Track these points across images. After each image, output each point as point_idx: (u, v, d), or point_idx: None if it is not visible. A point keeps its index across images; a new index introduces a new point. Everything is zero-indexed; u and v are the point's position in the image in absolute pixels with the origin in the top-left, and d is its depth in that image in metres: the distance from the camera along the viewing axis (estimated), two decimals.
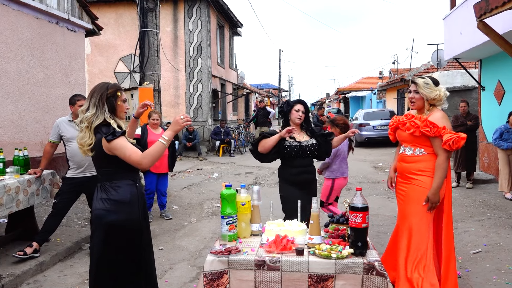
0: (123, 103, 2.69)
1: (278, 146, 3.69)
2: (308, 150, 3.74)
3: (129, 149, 2.50)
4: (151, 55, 7.74)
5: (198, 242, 5.33)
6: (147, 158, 2.49)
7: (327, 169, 4.95)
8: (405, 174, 3.30)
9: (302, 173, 3.74)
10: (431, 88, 3.21)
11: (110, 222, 2.54)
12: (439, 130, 3.10)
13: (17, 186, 4.24)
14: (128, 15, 15.30)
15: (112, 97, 2.60)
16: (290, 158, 3.71)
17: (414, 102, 3.28)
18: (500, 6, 5.06)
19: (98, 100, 2.56)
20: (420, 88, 3.23)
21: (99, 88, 2.61)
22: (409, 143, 3.26)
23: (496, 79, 8.88)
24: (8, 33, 6.27)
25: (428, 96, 3.21)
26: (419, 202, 3.16)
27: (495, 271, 4.16)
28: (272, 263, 2.42)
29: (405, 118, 3.33)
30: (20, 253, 4.25)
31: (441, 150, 3.12)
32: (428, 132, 3.11)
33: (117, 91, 2.63)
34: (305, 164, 3.77)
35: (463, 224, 5.81)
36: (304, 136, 3.83)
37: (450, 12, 9.27)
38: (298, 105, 3.83)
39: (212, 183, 9.64)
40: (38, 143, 6.83)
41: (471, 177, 8.44)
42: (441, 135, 3.09)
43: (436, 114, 3.20)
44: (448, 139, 3.06)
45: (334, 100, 51.14)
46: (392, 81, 22.86)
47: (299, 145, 3.70)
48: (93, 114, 2.53)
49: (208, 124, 16.01)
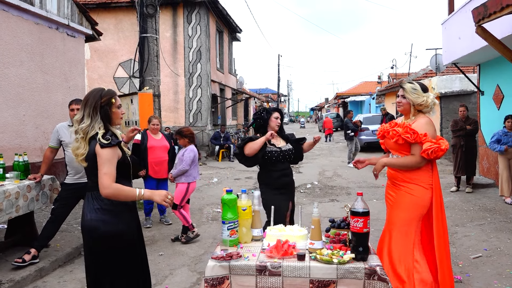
0: (118, 109, 2.63)
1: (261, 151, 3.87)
2: (287, 155, 3.98)
3: (109, 167, 2.41)
4: (151, 60, 7.76)
5: (198, 247, 5.32)
6: (112, 192, 2.39)
7: (183, 175, 5.47)
8: (394, 181, 3.33)
9: (282, 177, 3.95)
10: (418, 93, 3.23)
11: (105, 233, 2.47)
12: (419, 137, 3.11)
13: (16, 192, 4.23)
14: (127, 21, 15.34)
15: (106, 105, 2.53)
16: (271, 163, 3.92)
17: (401, 106, 3.32)
18: (499, 11, 5.08)
19: (92, 110, 2.50)
20: (406, 93, 3.26)
21: (92, 96, 2.53)
22: (396, 151, 3.28)
23: (495, 84, 8.90)
24: (8, 39, 6.29)
25: (415, 102, 3.23)
26: (407, 210, 3.21)
27: (495, 276, 4.15)
28: (274, 269, 2.41)
29: (389, 126, 3.36)
30: (18, 261, 4.23)
31: (416, 155, 3.15)
32: (408, 138, 3.13)
33: (111, 99, 2.56)
34: (284, 168, 3.98)
35: (463, 229, 5.81)
36: (281, 141, 4.06)
37: (449, 17, 9.31)
38: (276, 113, 4.06)
39: (211, 188, 9.63)
40: (38, 148, 6.83)
41: (470, 181, 8.44)
42: (422, 142, 3.11)
43: (420, 121, 3.22)
44: (427, 148, 3.07)
45: (333, 104, 51.23)
46: (391, 85, 22.93)
47: (279, 150, 3.94)
48: (88, 125, 2.49)
49: (208, 129, 16.02)
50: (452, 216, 6.51)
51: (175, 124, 15.79)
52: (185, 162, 5.40)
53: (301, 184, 9.74)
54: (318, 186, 9.68)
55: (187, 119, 15.89)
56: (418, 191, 3.18)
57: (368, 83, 42.77)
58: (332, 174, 11.58)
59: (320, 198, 8.30)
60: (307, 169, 12.50)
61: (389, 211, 3.38)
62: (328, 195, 8.73)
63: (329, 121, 27.41)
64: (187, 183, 5.49)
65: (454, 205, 7.26)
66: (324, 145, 22.77)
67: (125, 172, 2.61)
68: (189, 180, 5.50)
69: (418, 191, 3.18)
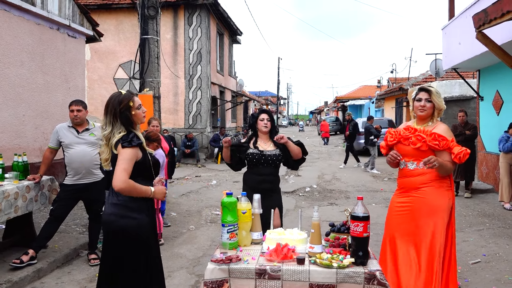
0: (139, 110, 2.71)
1: (240, 155, 3.83)
2: (270, 159, 3.77)
3: (128, 164, 2.54)
4: (151, 62, 7.76)
5: (196, 250, 5.31)
6: (126, 187, 2.52)
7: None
8: (409, 189, 3.20)
9: (262, 182, 3.74)
10: (441, 98, 3.19)
11: (119, 227, 2.58)
12: (448, 143, 3.06)
13: (15, 192, 4.22)
14: (128, 22, 15.36)
15: (125, 110, 2.63)
16: (252, 166, 3.82)
17: (425, 110, 3.18)
18: (499, 17, 5.10)
19: (112, 117, 2.62)
20: (434, 96, 3.16)
21: (111, 103, 2.63)
22: (412, 157, 3.17)
23: (495, 89, 8.93)
24: (9, 39, 6.29)
25: (440, 106, 3.17)
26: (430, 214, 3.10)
27: (494, 282, 4.15)
28: (273, 272, 2.41)
29: (407, 132, 3.22)
30: (16, 261, 4.21)
31: (449, 163, 3.08)
32: (437, 146, 3.05)
33: (129, 102, 2.65)
34: (266, 173, 3.77)
35: (462, 234, 5.81)
36: (270, 145, 3.85)
37: (449, 23, 9.34)
38: (262, 114, 3.93)
39: (210, 190, 9.62)
40: (37, 148, 6.82)
41: (469, 186, 8.44)
42: (451, 147, 3.06)
43: (442, 127, 3.15)
44: (459, 152, 3.03)
45: (332, 108, 51.29)
46: (391, 90, 22.97)
47: (260, 153, 3.77)
48: (109, 132, 2.62)
49: (207, 131, 16.02)
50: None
51: (175, 126, 15.80)
52: None
53: (300, 188, 9.74)
54: (317, 190, 9.68)
55: (187, 121, 15.90)
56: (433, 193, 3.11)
57: (367, 87, 42.81)
58: (331, 178, 11.58)
59: (319, 202, 8.30)
60: (306, 173, 12.50)
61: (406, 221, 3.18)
62: (327, 198, 8.73)
63: (325, 125, 27.46)
64: None
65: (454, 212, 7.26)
66: (323, 148, 22.79)
67: (145, 172, 2.69)
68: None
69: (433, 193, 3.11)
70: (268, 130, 3.87)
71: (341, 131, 36.86)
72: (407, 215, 3.19)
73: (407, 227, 3.18)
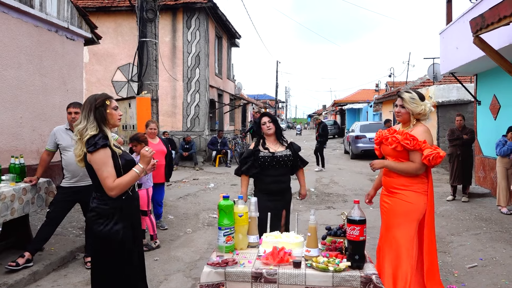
0: (115, 111, 2.73)
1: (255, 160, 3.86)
2: (282, 160, 3.86)
3: (107, 168, 2.54)
4: (150, 64, 7.76)
5: (193, 253, 5.29)
6: (118, 189, 2.54)
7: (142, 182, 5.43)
8: (389, 188, 3.34)
9: (275, 183, 3.86)
10: (416, 103, 3.25)
11: (98, 232, 2.60)
12: (419, 144, 3.14)
13: (12, 194, 4.21)
14: (127, 25, 15.37)
15: (101, 107, 2.65)
16: (264, 168, 3.85)
17: (400, 116, 3.33)
18: (496, 22, 5.12)
19: (87, 112, 2.63)
20: (406, 103, 3.26)
21: (88, 100, 2.67)
22: (393, 157, 3.30)
23: (492, 94, 8.96)
24: (7, 41, 6.28)
25: (414, 111, 3.25)
26: (403, 216, 3.22)
27: (491, 286, 4.15)
28: (269, 276, 2.41)
29: (388, 132, 3.37)
30: (12, 264, 4.20)
31: (416, 162, 3.17)
32: (407, 145, 3.15)
33: (105, 100, 2.67)
34: (278, 174, 3.87)
35: (459, 238, 5.81)
36: (280, 146, 3.95)
37: (447, 27, 9.38)
38: (263, 118, 3.98)
39: (208, 193, 9.61)
40: (34, 151, 6.80)
41: (467, 190, 8.45)
42: (421, 148, 3.13)
43: (419, 129, 3.24)
44: (428, 154, 3.10)
45: (330, 111, 51.36)
46: (388, 94, 23.03)
47: (272, 155, 3.84)
48: (83, 126, 2.61)
49: (205, 134, 16.01)
50: (448, 225, 6.51)
51: (173, 128, 15.78)
52: None
53: (297, 191, 9.72)
54: (315, 193, 9.67)
55: (185, 124, 15.89)
56: (413, 198, 3.20)
57: (365, 91, 42.91)
58: (328, 181, 11.58)
59: (317, 205, 8.30)
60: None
61: (386, 219, 3.38)
62: (324, 202, 8.73)
63: None
64: (146, 189, 5.43)
65: (450, 214, 7.27)
66: None
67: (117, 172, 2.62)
68: (147, 186, 5.46)
69: (413, 198, 3.20)
70: (273, 132, 3.94)
71: (339, 135, 36.93)
72: (384, 213, 3.39)
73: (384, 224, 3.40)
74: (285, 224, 3.95)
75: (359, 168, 13.96)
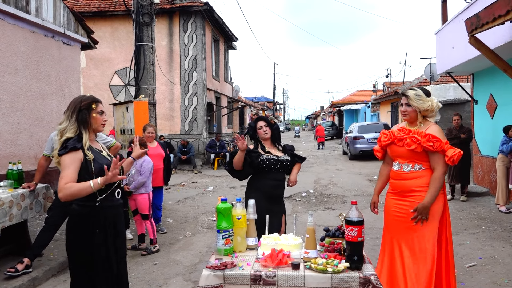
0: (100, 115, 2.67)
1: (252, 161, 3.70)
2: (284, 165, 3.81)
3: (66, 171, 2.47)
4: (147, 68, 7.77)
5: (193, 256, 5.29)
6: (66, 192, 2.42)
7: (143, 186, 5.50)
8: (403, 192, 3.18)
9: (277, 187, 3.78)
10: (423, 99, 3.13)
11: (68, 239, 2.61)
12: (442, 145, 3.03)
13: (10, 200, 4.20)
14: (123, 29, 15.38)
15: (85, 109, 2.60)
16: (266, 172, 3.74)
17: (407, 115, 3.19)
18: (491, 21, 5.14)
19: (70, 113, 2.59)
20: (411, 100, 3.14)
21: (73, 101, 2.64)
22: (407, 159, 3.15)
23: (488, 93, 8.99)
24: (4, 47, 6.28)
25: (421, 108, 3.13)
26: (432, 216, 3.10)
27: (490, 285, 4.16)
28: (268, 278, 2.41)
29: (402, 133, 3.19)
30: (11, 270, 4.19)
31: (440, 165, 3.06)
32: (430, 147, 3.03)
33: (91, 104, 2.62)
34: (280, 178, 3.81)
35: (458, 237, 5.82)
36: (277, 151, 3.88)
37: (442, 27, 9.41)
38: (258, 123, 3.88)
39: (207, 196, 9.60)
40: (32, 156, 6.79)
41: (465, 190, 8.47)
42: (444, 149, 3.04)
43: (434, 128, 3.11)
44: (453, 154, 3.01)
45: (328, 113, 51.41)
46: (386, 94, 23.06)
47: (277, 159, 3.77)
48: (64, 127, 2.57)
49: (203, 137, 16.02)
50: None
51: (171, 132, 15.79)
52: (143, 174, 5.44)
53: (296, 193, 9.73)
54: (314, 195, 9.68)
55: (183, 127, 15.89)
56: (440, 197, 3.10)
57: (363, 91, 42.98)
58: (327, 183, 11.59)
59: (316, 207, 8.30)
60: (303, 177, 12.50)
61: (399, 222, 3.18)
62: (323, 203, 8.73)
63: (321, 129, 27.54)
64: (147, 193, 5.51)
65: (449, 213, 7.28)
66: (319, 153, 22.82)
67: (87, 177, 2.54)
68: (148, 190, 5.53)
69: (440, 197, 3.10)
70: (269, 136, 3.86)
71: (338, 136, 36.96)
72: (405, 219, 3.16)
73: (404, 230, 3.18)
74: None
75: (358, 169, 13.98)
